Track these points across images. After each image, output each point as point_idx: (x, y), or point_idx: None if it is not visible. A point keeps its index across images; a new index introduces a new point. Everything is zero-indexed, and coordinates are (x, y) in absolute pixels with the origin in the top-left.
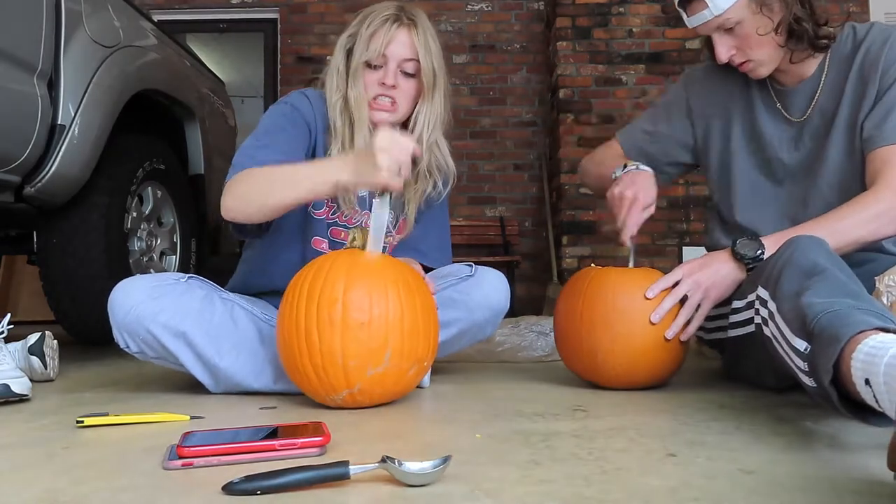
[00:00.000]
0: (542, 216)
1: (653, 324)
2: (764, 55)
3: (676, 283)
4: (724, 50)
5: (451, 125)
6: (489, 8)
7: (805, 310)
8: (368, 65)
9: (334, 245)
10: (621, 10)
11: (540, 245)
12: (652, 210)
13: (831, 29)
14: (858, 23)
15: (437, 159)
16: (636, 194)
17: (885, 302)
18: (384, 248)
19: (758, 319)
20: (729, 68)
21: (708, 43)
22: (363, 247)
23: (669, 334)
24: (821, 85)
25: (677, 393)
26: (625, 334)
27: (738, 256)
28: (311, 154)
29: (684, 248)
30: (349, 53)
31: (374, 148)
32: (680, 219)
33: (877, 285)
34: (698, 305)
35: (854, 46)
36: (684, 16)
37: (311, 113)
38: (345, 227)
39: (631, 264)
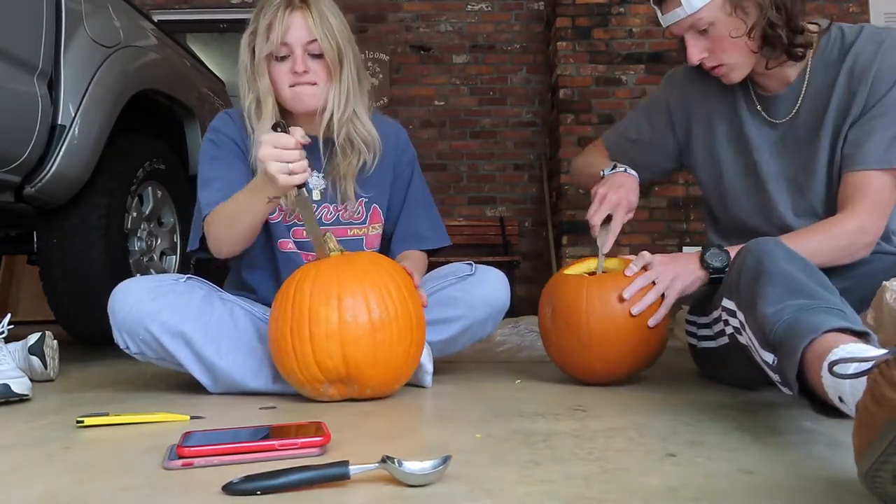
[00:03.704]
0: (542, 216)
1: (633, 316)
2: (735, 59)
3: (645, 269)
4: (696, 52)
5: (371, 91)
6: (489, 8)
7: (762, 322)
8: (275, 57)
9: (300, 245)
10: (621, 10)
11: (540, 245)
12: (632, 214)
13: (813, 33)
14: (847, 24)
15: (357, 131)
16: (620, 199)
17: (888, 299)
18: (362, 238)
19: (729, 330)
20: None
21: (682, 45)
22: (330, 248)
23: (636, 311)
24: (803, 90)
25: (677, 393)
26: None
27: (704, 265)
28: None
29: (684, 248)
30: (254, 50)
31: (261, 160)
32: (680, 219)
33: (884, 283)
34: (664, 294)
35: (842, 51)
36: (659, 13)
37: (235, 131)
38: (303, 225)
39: (601, 258)
